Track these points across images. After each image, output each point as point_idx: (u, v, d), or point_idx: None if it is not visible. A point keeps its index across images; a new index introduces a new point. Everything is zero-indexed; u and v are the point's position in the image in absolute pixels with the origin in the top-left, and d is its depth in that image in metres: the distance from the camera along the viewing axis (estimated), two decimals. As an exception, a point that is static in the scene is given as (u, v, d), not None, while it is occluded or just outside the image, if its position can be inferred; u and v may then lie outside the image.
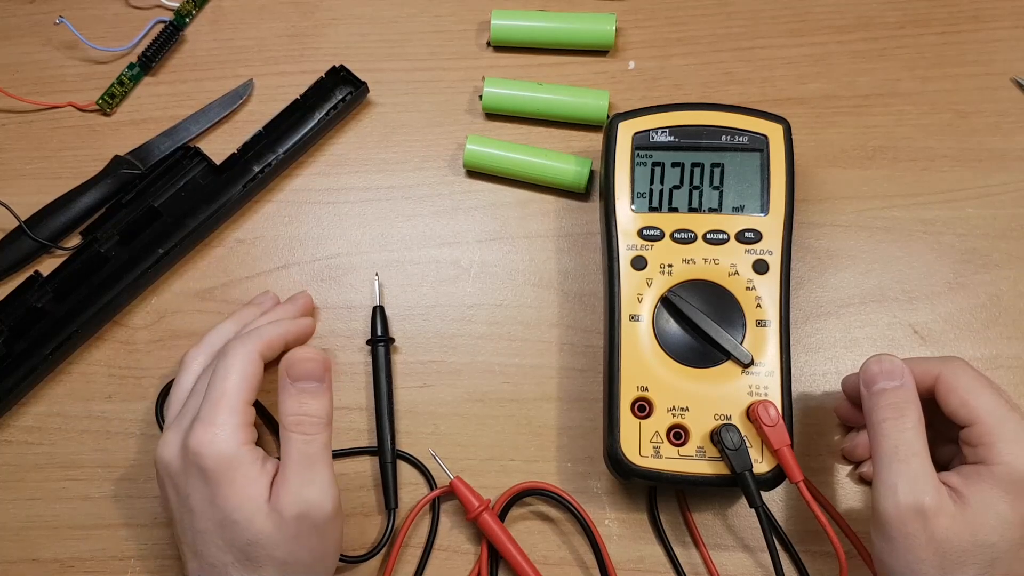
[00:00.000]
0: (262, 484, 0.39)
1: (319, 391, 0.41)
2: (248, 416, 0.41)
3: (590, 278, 0.51)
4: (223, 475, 0.39)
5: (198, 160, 0.52)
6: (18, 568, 0.48)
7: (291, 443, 0.40)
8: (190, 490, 0.39)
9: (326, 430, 0.41)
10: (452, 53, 0.55)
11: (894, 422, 0.39)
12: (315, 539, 0.40)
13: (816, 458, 0.48)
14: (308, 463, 0.39)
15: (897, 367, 0.41)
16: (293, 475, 0.39)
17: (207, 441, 0.39)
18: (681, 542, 0.47)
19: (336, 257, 0.52)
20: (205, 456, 0.39)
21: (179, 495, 0.40)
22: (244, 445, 0.40)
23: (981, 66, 0.53)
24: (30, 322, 0.49)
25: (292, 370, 0.40)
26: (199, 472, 0.39)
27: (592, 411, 0.49)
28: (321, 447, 0.40)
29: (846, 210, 0.51)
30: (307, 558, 0.40)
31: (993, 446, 0.38)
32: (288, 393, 0.40)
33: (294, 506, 0.39)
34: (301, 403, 0.40)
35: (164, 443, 0.41)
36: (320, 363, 0.41)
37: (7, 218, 0.51)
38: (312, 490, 0.39)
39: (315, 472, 0.40)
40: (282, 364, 0.41)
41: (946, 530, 0.37)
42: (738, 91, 0.53)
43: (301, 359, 0.40)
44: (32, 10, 0.57)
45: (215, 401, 0.40)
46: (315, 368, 0.40)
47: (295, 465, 0.39)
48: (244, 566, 0.39)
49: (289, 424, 0.40)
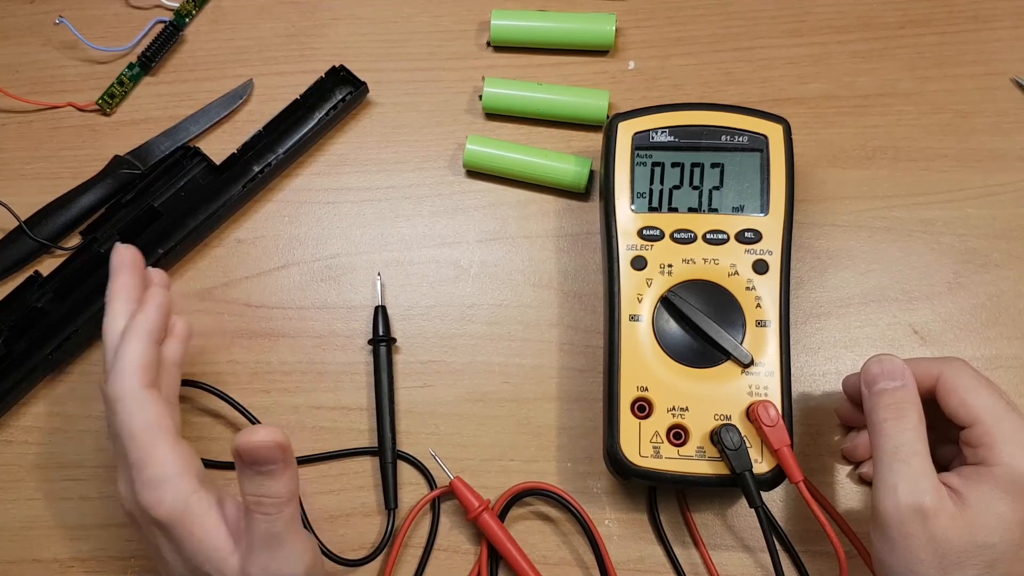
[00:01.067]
0: (222, 533, 0.38)
1: (277, 471, 0.37)
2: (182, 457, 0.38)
3: (590, 278, 0.51)
4: (181, 529, 0.38)
5: (198, 160, 0.52)
6: (18, 568, 0.48)
7: (254, 522, 0.37)
8: (158, 542, 0.39)
9: (289, 506, 0.38)
10: (452, 53, 0.55)
11: (895, 422, 0.39)
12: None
13: (816, 458, 0.48)
14: (274, 542, 0.38)
15: (898, 367, 0.41)
16: (259, 552, 0.38)
17: (155, 504, 0.37)
18: (681, 542, 0.47)
19: (336, 257, 0.52)
20: (158, 516, 0.38)
21: (149, 544, 0.40)
22: (192, 494, 0.38)
23: (981, 66, 0.53)
24: (30, 322, 0.49)
25: (245, 456, 0.37)
26: (159, 528, 0.38)
27: (592, 411, 0.49)
28: (285, 524, 0.38)
29: (846, 210, 0.51)
30: None
31: (993, 447, 0.38)
32: (245, 475, 0.37)
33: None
34: (259, 485, 0.37)
35: (120, 494, 0.40)
36: (274, 447, 0.37)
37: (7, 218, 0.51)
38: (279, 565, 0.38)
39: (281, 549, 0.38)
40: (233, 446, 0.37)
41: (946, 530, 0.37)
42: (738, 91, 0.53)
43: (254, 447, 0.36)
44: (32, 10, 0.57)
45: (140, 460, 0.38)
46: (270, 453, 0.37)
47: (260, 543, 0.37)
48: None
49: (249, 504, 0.37)
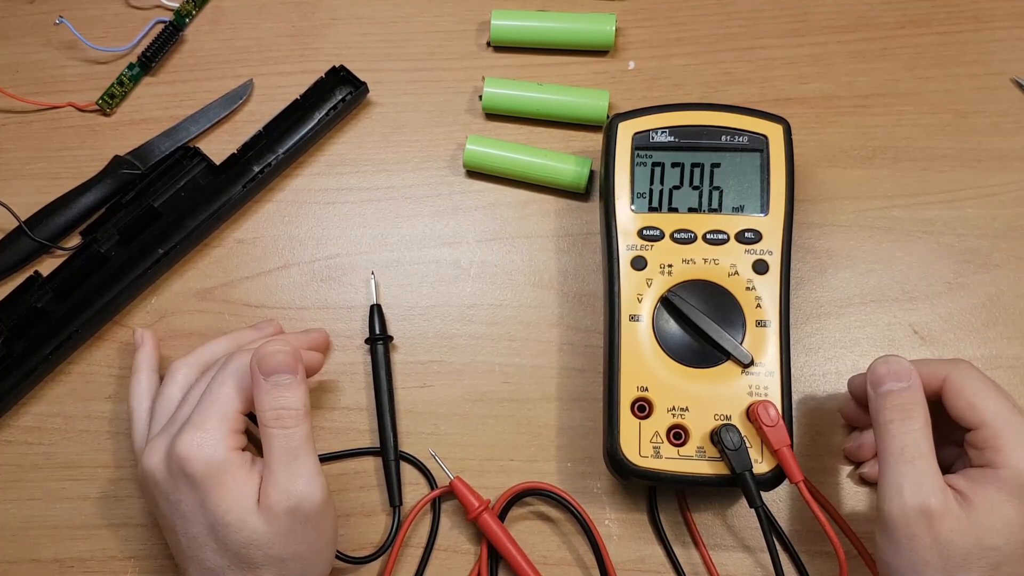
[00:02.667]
0: (251, 486, 0.39)
1: (293, 383, 0.40)
2: (239, 424, 0.40)
3: (590, 278, 0.51)
4: (212, 479, 0.38)
5: (198, 160, 0.52)
6: (18, 568, 0.48)
7: (272, 439, 0.39)
8: (180, 496, 0.39)
9: (305, 421, 0.40)
10: (452, 53, 0.55)
11: (901, 423, 0.39)
12: (309, 532, 0.40)
13: (816, 458, 0.48)
14: (291, 457, 0.39)
15: (905, 368, 0.41)
16: (278, 471, 0.39)
17: (195, 445, 0.38)
18: (681, 542, 0.47)
19: (336, 257, 0.52)
20: (193, 460, 0.38)
21: (169, 502, 0.40)
22: (232, 450, 0.39)
23: (981, 66, 0.53)
24: (30, 322, 0.49)
25: (263, 364, 0.40)
26: (186, 478, 0.39)
27: (592, 411, 0.49)
28: (302, 439, 0.40)
29: (846, 210, 0.51)
30: (304, 551, 0.40)
31: (1000, 449, 0.38)
32: (263, 389, 0.40)
33: (283, 502, 0.38)
34: (276, 397, 0.39)
35: (150, 452, 0.40)
36: (290, 354, 0.40)
37: (7, 218, 0.51)
38: (299, 483, 0.39)
39: (300, 465, 0.39)
40: (252, 361, 0.40)
41: (951, 532, 0.37)
42: (738, 91, 0.53)
43: (270, 352, 0.40)
44: (32, 10, 0.57)
45: (207, 407, 0.40)
46: (285, 359, 0.40)
47: (279, 460, 0.39)
48: (241, 568, 0.39)
49: (268, 420, 0.39)
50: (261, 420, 0.40)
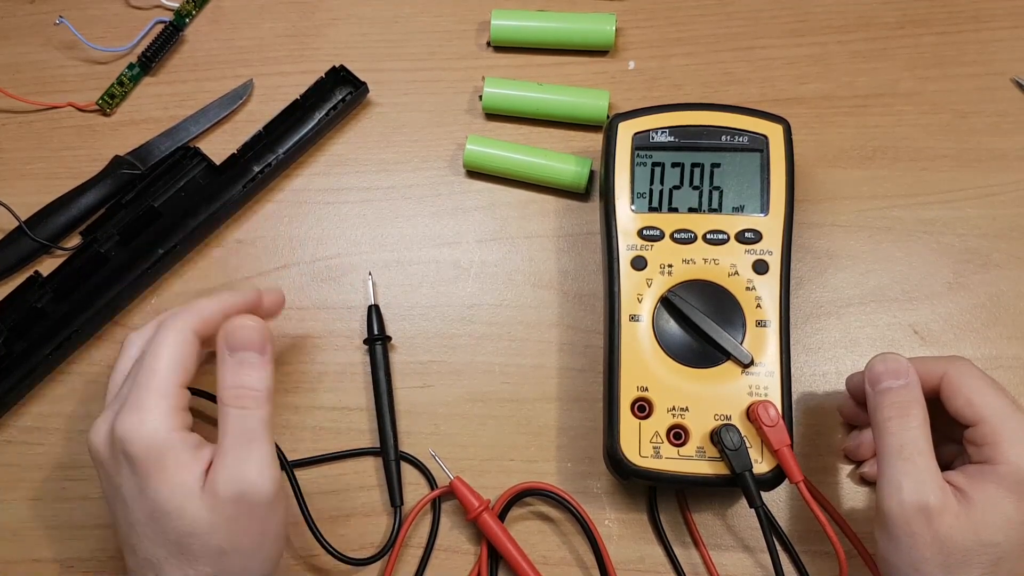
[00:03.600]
0: (195, 471, 0.36)
1: (259, 363, 0.38)
2: (181, 399, 0.38)
3: (590, 278, 0.51)
4: (152, 463, 0.36)
5: (198, 160, 0.52)
6: (18, 568, 0.48)
7: (229, 417, 0.37)
8: (121, 480, 0.37)
9: (266, 404, 0.38)
10: (452, 53, 0.55)
11: (899, 421, 0.39)
12: (254, 524, 0.37)
13: (816, 458, 0.48)
14: (246, 439, 0.37)
15: (902, 366, 0.41)
16: (230, 452, 0.37)
17: (134, 427, 0.36)
18: (681, 542, 0.47)
19: (336, 257, 0.52)
20: (133, 443, 0.36)
21: (111, 485, 0.38)
22: (175, 431, 0.37)
23: (981, 66, 0.53)
24: (30, 322, 0.49)
25: (230, 339, 0.38)
26: (127, 461, 0.36)
27: (592, 411, 0.49)
28: (260, 422, 0.37)
29: (846, 210, 0.51)
30: (246, 545, 0.37)
31: (998, 446, 0.38)
32: (226, 365, 0.38)
33: (230, 486, 0.36)
34: (239, 375, 0.37)
35: (94, 430, 0.38)
36: (259, 331, 0.38)
37: (7, 218, 0.51)
38: (250, 468, 0.36)
39: (254, 450, 0.37)
40: (219, 333, 0.38)
41: (950, 529, 0.37)
42: (738, 91, 0.53)
43: (238, 326, 0.38)
44: (32, 10, 0.57)
45: (144, 384, 0.37)
46: (253, 336, 0.38)
47: (232, 441, 0.37)
48: (179, 559, 0.37)
49: (226, 398, 0.37)
50: (220, 397, 0.38)
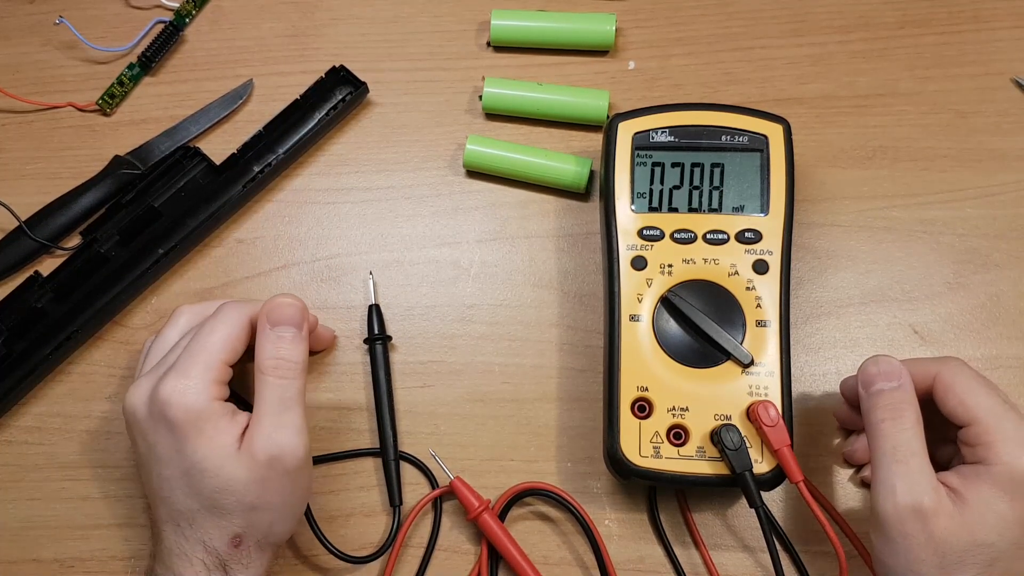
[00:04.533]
0: (232, 434, 0.39)
1: (297, 338, 0.41)
2: (223, 374, 0.41)
3: (590, 278, 0.51)
4: (191, 426, 0.39)
5: (198, 160, 0.52)
6: (18, 568, 0.48)
7: (267, 386, 0.40)
8: (157, 438, 0.40)
9: (302, 376, 0.41)
10: (452, 53, 0.55)
11: (892, 423, 0.39)
12: (286, 483, 0.40)
13: (816, 458, 0.48)
14: (282, 407, 0.40)
15: (895, 368, 0.41)
16: (267, 417, 0.40)
17: (178, 391, 0.39)
18: (681, 542, 0.47)
19: (336, 257, 0.52)
20: (174, 406, 0.39)
21: (146, 443, 0.41)
22: (214, 400, 0.40)
23: (981, 66, 0.53)
24: (30, 322, 0.49)
25: (272, 314, 0.41)
26: (166, 422, 0.39)
27: (592, 411, 0.49)
28: (296, 392, 0.41)
29: (846, 210, 0.51)
30: (277, 502, 0.40)
31: (991, 446, 0.38)
32: (267, 337, 0.41)
33: (266, 449, 0.39)
34: (279, 347, 0.41)
35: (134, 390, 0.41)
36: (299, 309, 0.42)
37: (7, 218, 0.51)
38: (285, 433, 0.40)
39: (289, 416, 0.40)
40: (262, 309, 0.41)
41: (945, 530, 0.37)
42: (738, 91, 0.53)
43: (281, 303, 0.41)
44: (32, 10, 0.57)
45: (194, 354, 0.40)
46: (294, 313, 0.41)
47: (269, 408, 0.40)
48: (211, 513, 0.39)
49: (266, 367, 0.40)
50: (259, 367, 0.40)
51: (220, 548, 0.40)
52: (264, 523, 0.40)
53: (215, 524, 0.39)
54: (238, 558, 0.40)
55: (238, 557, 0.40)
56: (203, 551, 0.39)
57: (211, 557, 0.39)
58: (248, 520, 0.40)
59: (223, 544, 0.40)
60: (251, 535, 0.40)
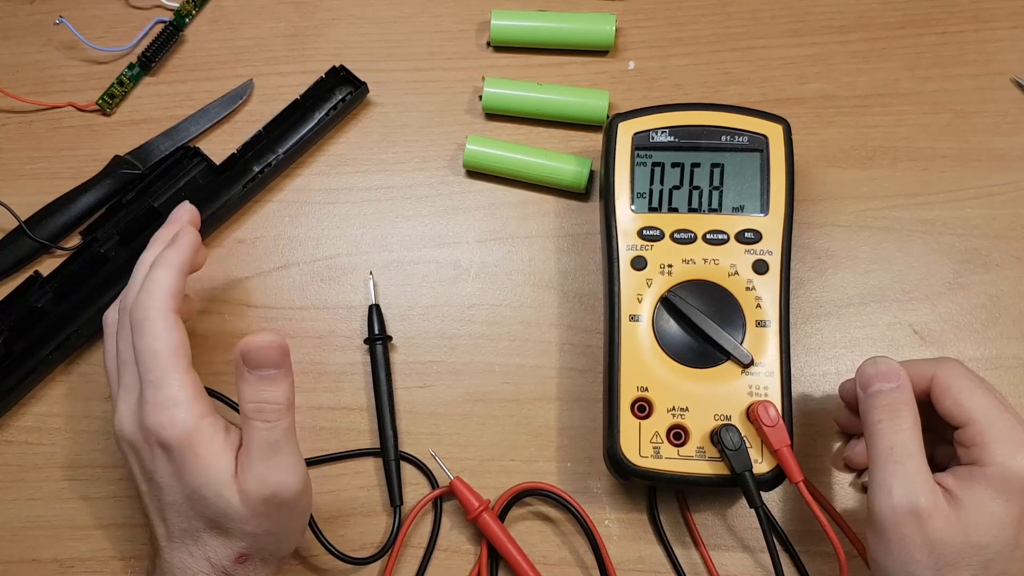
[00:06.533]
0: (227, 458, 0.39)
1: (278, 377, 0.39)
2: (195, 383, 0.39)
3: (590, 278, 0.51)
4: (187, 451, 0.38)
5: (198, 160, 0.52)
6: (18, 568, 0.48)
7: (253, 429, 0.38)
8: (155, 466, 0.39)
9: (288, 415, 0.39)
10: (452, 53, 0.55)
11: (890, 423, 0.39)
12: (285, 513, 0.40)
13: (816, 458, 0.48)
14: (271, 450, 0.38)
15: (893, 369, 0.41)
16: (257, 461, 0.38)
17: (167, 424, 0.38)
18: (681, 542, 0.47)
19: (336, 257, 0.52)
20: (166, 437, 0.38)
21: (144, 470, 0.40)
22: (203, 418, 0.39)
23: (981, 66, 0.53)
24: (30, 322, 0.49)
25: (248, 359, 0.38)
26: (162, 449, 0.39)
27: (592, 411, 0.49)
28: (283, 433, 0.39)
29: (846, 210, 0.51)
30: (279, 530, 0.40)
31: (986, 447, 0.38)
32: (246, 381, 0.38)
33: (260, 491, 0.38)
34: (260, 390, 0.38)
35: (119, 419, 0.40)
36: (277, 349, 0.38)
37: (7, 218, 0.51)
38: (277, 473, 0.38)
39: (279, 458, 0.39)
40: (236, 352, 0.38)
41: (941, 531, 0.37)
42: (738, 91, 0.53)
43: (257, 348, 0.38)
44: (32, 10, 0.57)
45: (157, 380, 0.39)
46: (272, 355, 0.38)
47: (258, 451, 0.38)
48: (216, 533, 0.39)
49: (249, 412, 0.38)
50: (243, 410, 0.39)
51: (226, 564, 0.39)
52: (269, 544, 0.41)
53: (221, 543, 0.39)
54: (244, 572, 0.40)
55: (244, 572, 0.40)
56: (208, 566, 0.39)
57: (216, 572, 0.39)
58: (252, 544, 0.40)
59: (229, 561, 0.39)
60: (256, 553, 0.40)
